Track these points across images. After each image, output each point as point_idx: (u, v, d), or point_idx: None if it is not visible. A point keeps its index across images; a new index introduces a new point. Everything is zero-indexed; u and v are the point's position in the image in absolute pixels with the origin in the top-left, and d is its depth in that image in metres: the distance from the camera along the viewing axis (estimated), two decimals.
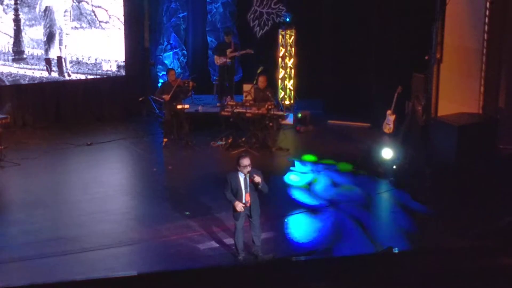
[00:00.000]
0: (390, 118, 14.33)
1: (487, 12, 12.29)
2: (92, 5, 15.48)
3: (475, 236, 8.11)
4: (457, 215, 10.25)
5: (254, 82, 13.89)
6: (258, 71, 14.00)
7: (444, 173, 11.26)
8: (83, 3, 15.40)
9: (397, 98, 14.12)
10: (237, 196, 8.63)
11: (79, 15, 15.39)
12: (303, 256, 7.26)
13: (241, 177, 8.63)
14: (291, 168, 12.52)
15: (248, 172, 8.57)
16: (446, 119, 12.02)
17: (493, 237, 7.87)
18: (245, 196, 8.63)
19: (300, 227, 10.13)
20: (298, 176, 12.12)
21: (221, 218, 10.06)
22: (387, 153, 12.18)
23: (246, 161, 8.57)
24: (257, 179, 8.57)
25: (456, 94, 13.09)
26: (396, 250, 6.61)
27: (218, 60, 15.59)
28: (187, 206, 10.64)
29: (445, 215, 10.32)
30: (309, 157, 13.07)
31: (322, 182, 11.86)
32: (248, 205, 8.64)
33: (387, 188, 11.57)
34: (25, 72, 14.96)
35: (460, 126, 11.57)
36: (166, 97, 13.53)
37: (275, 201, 10.83)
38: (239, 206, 8.56)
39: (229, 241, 9.26)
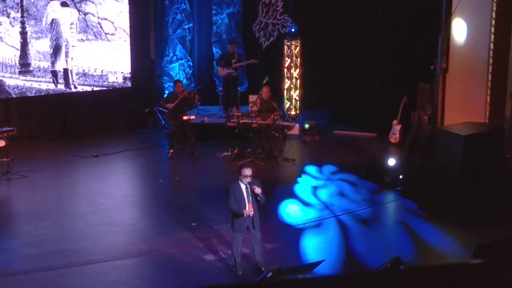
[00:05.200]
0: (396, 128, 14.33)
1: (493, 22, 12.28)
2: (98, 17, 15.56)
3: (482, 247, 8.04)
4: (464, 225, 10.20)
5: (260, 93, 13.91)
6: (264, 82, 14.01)
7: (450, 183, 11.21)
8: (89, 15, 15.48)
9: (403, 108, 14.13)
10: (240, 206, 8.57)
11: (85, 27, 15.47)
12: (309, 266, 7.20)
13: (243, 187, 8.56)
14: (298, 178, 12.50)
15: (249, 182, 8.53)
16: (452, 129, 11.98)
17: (501, 249, 7.80)
18: (248, 207, 8.56)
19: (306, 237, 10.07)
20: (305, 186, 12.09)
21: (228, 229, 9.99)
22: (393, 163, 12.15)
23: (248, 171, 8.53)
24: (258, 190, 8.51)
25: (462, 103, 13.06)
26: (402, 267, 6.55)
27: (222, 71, 15.62)
28: (193, 217, 10.62)
29: (451, 225, 10.27)
30: (315, 167, 13.05)
31: (328, 192, 11.83)
32: (251, 215, 8.57)
33: (394, 198, 11.52)
34: (31, 85, 15.02)
35: (467, 135, 11.51)
36: (170, 105, 13.53)
37: (281, 211, 10.81)
38: (246, 212, 8.48)
39: (232, 253, 9.19)
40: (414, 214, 10.81)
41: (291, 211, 10.92)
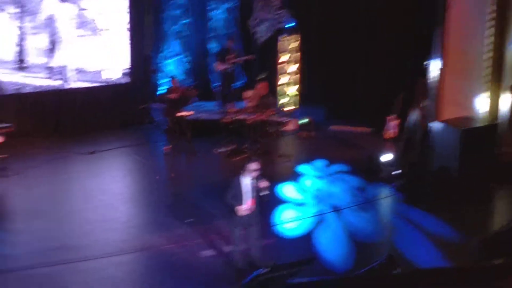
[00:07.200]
0: (392, 123, 14.30)
1: (490, 16, 12.26)
2: (95, 13, 15.50)
3: (478, 242, 8.07)
4: (459, 220, 10.21)
5: (256, 89, 13.89)
6: (260, 78, 13.99)
7: (446, 178, 11.21)
8: (85, 11, 15.43)
9: (399, 103, 14.11)
10: (240, 201, 8.45)
11: (81, 24, 15.42)
12: (303, 262, 7.20)
13: (248, 182, 8.50)
14: (293, 174, 12.50)
15: (256, 177, 8.49)
16: (449, 123, 11.98)
17: (496, 244, 7.83)
18: (250, 202, 8.49)
19: (300, 233, 10.08)
20: (300, 182, 12.09)
21: (223, 226, 10.03)
22: (389, 158, 12.15)
23: (254, 166, 8.47)
24: (264, 184, 8.49)
25: (459, 98, 13.05)
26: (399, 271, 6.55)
27: (219, 67, 15.58)
28: (189, 213, 10.61)
29: (447, 220, 10.28)
30: (311, 163, 13.05)
31: (323, 188, 11.83)
32: (249, 212, 8.55)
33: (389, 193, 11.52)
34: (27, 81, 14.97)
35: (464, 129, 11.52)
36: (172, 96, 13.52)
37: (276, 207, 10.81)
38: (242, 210, 8.47)
39: (229, 249, 9.22)
40: (409, 210, 10.80)
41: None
